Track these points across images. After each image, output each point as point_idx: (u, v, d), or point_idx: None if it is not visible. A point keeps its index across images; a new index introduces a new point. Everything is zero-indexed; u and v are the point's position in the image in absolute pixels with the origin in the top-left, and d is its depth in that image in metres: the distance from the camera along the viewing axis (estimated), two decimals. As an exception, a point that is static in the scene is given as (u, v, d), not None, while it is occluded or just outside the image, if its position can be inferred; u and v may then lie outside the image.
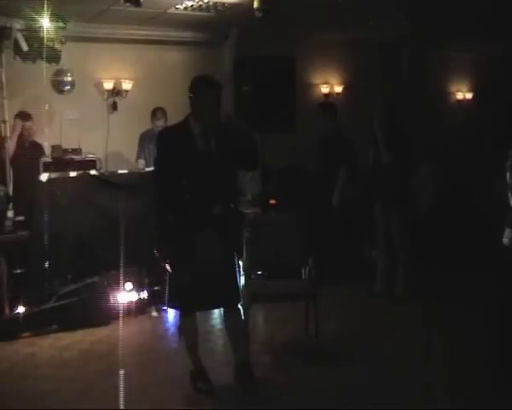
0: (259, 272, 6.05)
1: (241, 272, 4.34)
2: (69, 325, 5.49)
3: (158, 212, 4.07)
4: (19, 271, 5.97)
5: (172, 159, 4.02)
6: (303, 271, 5.04)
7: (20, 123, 6.77)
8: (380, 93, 8.01)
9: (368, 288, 6.43)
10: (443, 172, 7.77)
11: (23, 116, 6.86)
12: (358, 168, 6.85)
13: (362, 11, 7.17)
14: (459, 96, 10.70)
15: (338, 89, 9.45)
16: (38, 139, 7.03)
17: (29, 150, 6.82)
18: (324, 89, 9.36)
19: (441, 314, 5.75)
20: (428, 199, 7.41)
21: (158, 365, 4.71)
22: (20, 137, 6.84)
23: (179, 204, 3.98)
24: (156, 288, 6.05)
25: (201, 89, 4.04)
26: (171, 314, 5.83)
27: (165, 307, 5.90)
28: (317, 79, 9.37)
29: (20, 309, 5.58)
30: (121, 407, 4.00)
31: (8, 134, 6.52)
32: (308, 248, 5.19)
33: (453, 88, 10.70)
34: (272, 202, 7.04)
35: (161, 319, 5.84)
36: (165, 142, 4.15)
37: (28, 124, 6.88)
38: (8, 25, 6.11)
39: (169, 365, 4.69)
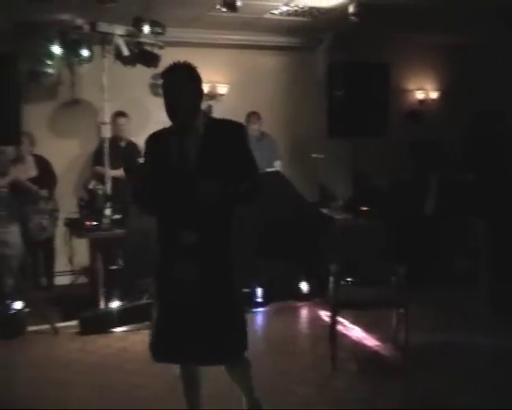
0: (349, 279, 5.99)
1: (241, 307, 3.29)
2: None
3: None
4: (114, 267, 6.20)
5: (149, 172, 3.25)
6: (393, 279, 4.95)
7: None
8: (478, 99, 7.74)
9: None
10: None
11: (116, 114, 7.15)
12: (452, 177, 6.67)
13: (461, 14, 6.98)
14: None
15: (433, 95, 9.22)
16: (135, 139, 7.25)
17: (125, 150, 7.09)
18: (419, 95, 9.16)
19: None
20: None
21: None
22: (115, 135, 7.11)
23: (158, 227, 3.24)
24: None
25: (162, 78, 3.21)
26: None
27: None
28: (411, 84, 9.18)
29: (114, 304, 5.79)
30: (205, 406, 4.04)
31: (108, 136, 6.76)
32: (399, 256, 5.09)
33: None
34: (364, 208, 6.95)
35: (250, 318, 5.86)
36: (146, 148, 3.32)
37: (121, 120, 7.16)
38: (110, 31, 6.36)
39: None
